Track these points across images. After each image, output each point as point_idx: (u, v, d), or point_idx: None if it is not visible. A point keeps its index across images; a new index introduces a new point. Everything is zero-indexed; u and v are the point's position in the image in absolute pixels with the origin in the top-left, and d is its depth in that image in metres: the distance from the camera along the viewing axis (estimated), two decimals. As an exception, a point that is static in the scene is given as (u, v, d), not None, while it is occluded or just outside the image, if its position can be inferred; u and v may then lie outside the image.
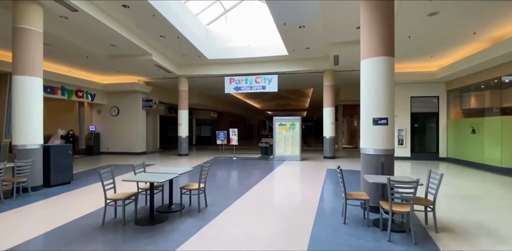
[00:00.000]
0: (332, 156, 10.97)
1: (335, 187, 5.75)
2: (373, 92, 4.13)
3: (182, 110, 12.10)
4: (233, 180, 6.67)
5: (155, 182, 3.48)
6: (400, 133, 11.01)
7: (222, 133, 11.03)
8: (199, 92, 16.64)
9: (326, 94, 11.09)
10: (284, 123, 10.37)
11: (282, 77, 11.77)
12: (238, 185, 5.88)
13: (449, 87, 10.66)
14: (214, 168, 8.29)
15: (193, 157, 11.64)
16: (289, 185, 6.02)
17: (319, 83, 12.82)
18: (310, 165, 9.24)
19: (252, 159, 10.79)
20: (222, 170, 8.10)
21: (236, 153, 12.87)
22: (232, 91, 11.49)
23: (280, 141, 10.37)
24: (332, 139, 11.01)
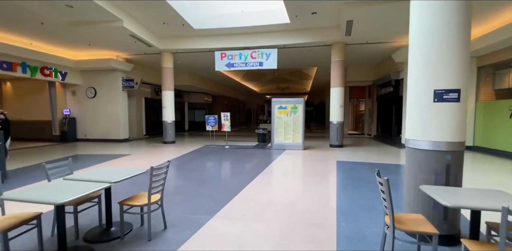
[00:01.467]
0: (339, 144, 9.50)
1: (353, 190, 4.30)
2: (436, 47, 2.53)
3: (167, 91, 10.47)
4: (217, 179, 5.16)
5: (53, 203, 1.95)
6: (419, 117, 9.44)
7: (212, 118, 9.49)
8: (190, 73, 14.90)
9: (334, 72, 9.41)
10: (285, 105, 8.80)
11: (282, 53, 10.03)
12: (221, 188, 4.39)
13: (480, 63, 8.96)
14: (198, 161, 6.83)
15: (179, 145, 10.18)
16: (291, 187, 4.52)
17: (326, 59, 11.06)
18: (316, 155, 7.78)
19: (247, 147, 9.33)
20: (207, 163, 6.63)
21: (230, 141, 11.40)
22: (223, 69, 9.81)
23: (280, 127, 8.86)
24: (341, 125, 9.49)
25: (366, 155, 7.94)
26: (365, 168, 5.91)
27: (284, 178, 5.09)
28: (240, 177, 5.07)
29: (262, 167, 5.90)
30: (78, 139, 11.54)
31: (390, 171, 5.80)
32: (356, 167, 5.98)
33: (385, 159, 7.33)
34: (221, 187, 4.36)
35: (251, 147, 9.42)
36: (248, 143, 10.62)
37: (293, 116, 8.78)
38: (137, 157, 7.34)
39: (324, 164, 6.55)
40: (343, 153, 8.12)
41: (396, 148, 9.68)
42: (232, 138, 12.85)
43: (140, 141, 11.56)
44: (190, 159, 7.00)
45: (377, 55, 11.01)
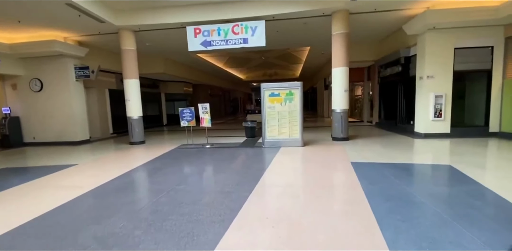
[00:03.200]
0: (345, 136, 7.88)
1: (405, 223, 2.64)
2: None
3: (130, 80, 8.42)
4: (182, 212, 3.16)
5: None
6: (437, 100, 7.92)
7: (188, 111, 7.57)
8: (164, 58, 12.73)
9: (336, 48, 7.63)
10: (278, 92, 7.01)
11: (270, 28, 8.11)
12: (188, 238, 2.64)
13: (509, 32, 7.41)
14: (162, 174, 5.00)
15: (149, 146, 8.28)
16: (303, 225, 2.77)
17: (323, 34, 9.24)
18: (320, 155, 6.13)
19: (233, 146, 7.55)
20: (174, 176, 4.76)
21: (213, 137, 9.59)
22: (199, 49, 7.82)
23: (273, 120, 7.10)
24: (346, 114, 7.83)
25: (383, 150, 6.35)
26: (397, 174, 4.29)
27: (287, 202, 3.35)
28: (221, 204, 3.29)
29: (252, 181, 4.16)
30: (25, 143, 9.41)
31: (442, 178, 4.21)
32: (383, 173, 4.36)
33: (412, 157, 5.76)
34: (188, 233, 2.59)
35: (238, 145, 7.66)
36: (235, 139, 8.85)
37: (289, 105, 7.03)
38: (81, 170, 5.42)
39: (336, 169, 4.89)
40: (353, 149, 6.50)
41: (410, 137, 8.18)
42: (216, 133, 11.04)
43: (104, 142, 9.56)
44: (153, 170, 5.19)
45: (382, 28, 9.27)
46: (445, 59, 7.75)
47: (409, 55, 9.00)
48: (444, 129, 8.06)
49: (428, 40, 7.69)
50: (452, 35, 7.60)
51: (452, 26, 7.45)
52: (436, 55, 7.74)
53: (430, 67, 7.81)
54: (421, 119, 8.23)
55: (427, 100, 7.97)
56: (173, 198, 3.50)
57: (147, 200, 3.50)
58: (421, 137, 8.08)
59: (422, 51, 7.96)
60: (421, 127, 8.20)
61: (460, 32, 7.57)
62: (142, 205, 3.31)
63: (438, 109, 7.96)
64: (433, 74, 7.83)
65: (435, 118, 7.98)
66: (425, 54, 7.80)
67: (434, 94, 7.86)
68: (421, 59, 8.01)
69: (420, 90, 8.19)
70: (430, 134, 8.06)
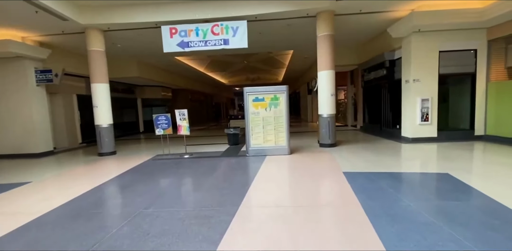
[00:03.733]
0: (332, 143, 7.50)
1: (419, 247, 2.18)
2: None
3: (98, 84, 7.62)
4: (142, 246, 2.55)
5: None
6: (424, 104, 7.76)
7: (164, 118, 6.88)
8: (139, 61, 11.93)
9: (322, 50, 7.28)
10: (262, 97, 6.51)
11: (253, 29, 7.66)
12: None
13: (491, 35, 7.40)
14: (131, 191, 4.32)
15: (121, 157, 7.47)
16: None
17: (307, 37, 8.93)
18: (309, 164, 5.66)
19: (214, 156, 6.93)
20: (146, 196, 4.09)
21: (193, 145, 8.92)
22: (175, 49, 7.20)
23: (257, 127, 6.57)
24: (333, 119, 7.46)
25: (373, 157, 5.99)
26: (395, 186, 3.88)
27: (277, 229, 2.80)
28: (197, 235, 2.66)
29: (235, 200, 3.58)
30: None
31: (445, 190, 3.84)
32: (380, 185, 3.94)
33: (406, 165, 5.43)
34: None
35: (219, 155, 7.05)
36: (217, 148, 8.23)
37: (274, 111, 6.54)
38: (33, 190, 4.59)
39: (329, 182, 4.42)
40: (343, 157, 6.10)
41: (397, 142, 7.95)
42: (197, 140, 10.36)
43: (70, 154, 8.60)
44: (120, 188, 4.48)
45: (367, 31, 9.09)
46: (430, 62, 7.62)
47: (394, 59, 8.85)
48: (431, 133, 7.89)
49: (414, 43, 7.54)
50: (437, 38, 7.50)
51: (436, 29, 7.35)
52: (422, 58, 7.60)
53: (416, 71, 7.65)
54: (408, 123, 8.03)
55: (413, 104, 7.79)
56: (138, 227, 2.85)
57: (105, 231, 2.82)
58: (408, 142, 7.87)
59: (407, 54, 7.80)
60: (409, 131, 8.00)
61: (445, 35, 7.49)
62: (97, 238, 2.64)
63: (425, 113, 7.79)
64: (419, 77, 7.67)
65: (422, 122, 7.81)
66: (410, 57, 7.64)
67: (420, 97, 7.70)
68: (407, 62, 7.85)
69: (407, 93, 8.01)
70: (417, 139, 7.86)
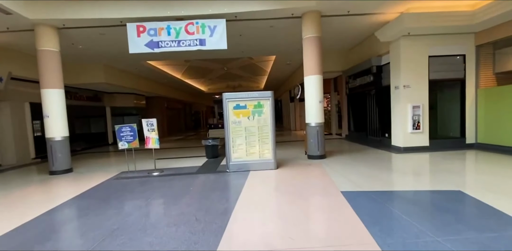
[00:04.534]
0: (321, 154, 6.82)
1: None
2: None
3: (49, 90, 6.46)
4: None
5: None
6: (415, 111, 7.35)
7: (128, 129, 5.84)
8: (105, 65, 10.77)
9: (308, 53, 6.68)
10: (244, 104, 5.72)
11: (233, 31, 6.95)
12: None
13: (479, 40, 7.20)
14: (76, 224, 3.31)
15: (77, 175, 6.28)
16: None
17: (291, 40, 8.38)
18: (301, 181, 4.89)
19: (189, 173, 5.97)
20: (88, 233, 3.11)
21: (166, 159, 7.89)
22: (143, 50, 6.28)
23: (239, 138, 5.74)
24: (322, 128, 6.81)
25: (369, 171, 5.33)
26: (409, 211, 3.19)
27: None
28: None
29: (212, 237, 2.70)
30: None
31: (469, 216, 3.18)
32: (390, 210, 3.24)
33: (408, 180, 4.80)
34: None
35: (195, 171, 6.10)
36: (193, 162, 7.26)
37: (258, 119, 5.76)
38: None
39: (327, 206, 3.65)
40: (336, 171, 5.39)
41: (389, 152, 7.43)
42: (171, 152, 9.32)
43: (18, 172, 7.24)
44: (62, 222, 3.44)
45: (353, 35, 8.68)
46: (420, 67, 7.27)
47: (381, 64, 8.48)
48: (423, 142, 7.46)
49: (403, 48, 7.17)
50: (426, 42, 7.19)
51: (426, 33, 7.03)
52: (412, 63, 7.23)
53: (406, 76, 7.26)
54: (398, 131, 7.57)
55: (404, 111, 7.36)
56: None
57: None
58: (400, 152, 7.38)
59: (396, 59, 7.41)
60: (399, 140, 7.53)
61: (433, 39, 7.19)
62: None
63: (416, 120, 7.37)
64: (409, 83, 7.28)
65: (414, 130, 7.37)
66: (400, 62, 7.25)
67: (411, 104, 7.28)
68: (396, 68, 7.46)
69: (396, 100, 7.58)
70: (409, 148, 7.40)
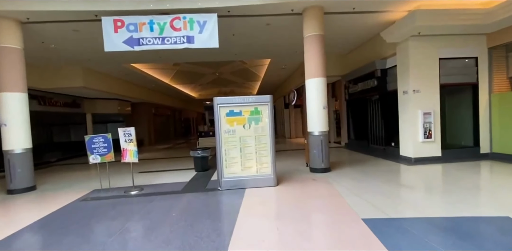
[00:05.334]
0: (326, 167, 6.03)
1: None
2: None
3: (8, 94, 5.46)
4: None
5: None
6: (426, 118, 6.70)
7: (101, 139, 4.91)
8: (84, 68, 9.80)
9: (309, 54, 5.97)
10: (239, 110, 4.91)
11: (225, 29, 6.20)
12: None
13: (491, 42, 6.68)
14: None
15: (41, 194, 5.26)
16: None
17: (288, 41, 7.70)
18: (307, 203, 4.07)
19: (172, 192, 5.05)
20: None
21: (148, 172, 6.94)
22: (121, 48, 5.43)
23: (233, 150, 4.89)
24: (326, 137, 6.04)
25: (386, 188, 4.56)
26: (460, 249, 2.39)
27: None
28: None
29: None
30: None
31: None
32: (435, 248, 2.43)
33: (439, 201, 4.00)
34: None
35: (181, 188, 5.19)
36: (179, 176, 6.34)
37: (255, 128, 4.94)
38: None
39: (348, 241, 2.81)
40: (346, 188, 4.60)
41: (399, 164, 6.72)
42: (157, 164, 8.36)
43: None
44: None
45: (353, 37, 8.05)
46: (430, 70, 6.66)
47: (386, 67, 7.87)
48: (435, 151, 6.79)
49: (411, 49, 6.56)
50: (436, 44, 6.60)
51: (436, 33, 6.45)
52: (421, 66, 6.62)
53: (415, 80, 6.64)
54: (408, 140, 6.89)
55: (414, 118, 6.70)
56: None
57: None
58: (411, 163, 6.67)
59: (404, 61, 6.80)
60: (410, 150, 6.84)
61: (444, 40, 6.62)
62: None
63: (427, 128, 6.71)
64: (419, 88, 6.65)
65: (425, 139, 6.70)
66: (409, 65, 6.63)
67: (421, 111, 6.63)
68: (404, 71, 6.83)
69: (405, 106, 6.94)
70: (420, 159, 6.71)
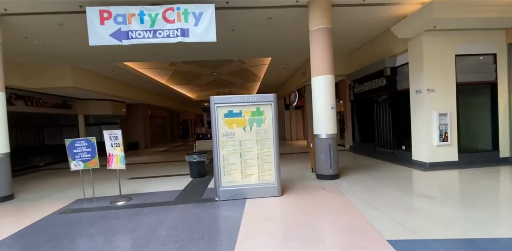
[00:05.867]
0: (334, 173, 5.49)
1: None
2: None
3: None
4: None
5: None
6: (441, 120, 6.18)
7: (84, 144, 4.34)
8: (74, 67, 9.23)
9: (316, 49, 5.45)
10: (239, 110, 4.36)
11: (224, 23, 5.67)
12: None
13: (511, 38, 6.20)
14: None
15: (18, 204, 4.67)
16: None
17: (291, 38, 7.18)
18: (319, 218, 3.52)
19: (163, 203, 4.48)
20: None
21: (139, 178, 6.38)
22: (108, 42, 4.88)
23: (232, 155, 4.34)
24: (334, 141, 5.50)
25: (406, 200, 4.02)
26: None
27: None
28: None
29: None
30: None
31: None
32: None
33: (473, 216, 3.44)
34: None
35: (173, 199, 4.62)
36: (173, 183, 5.78)
37: (257, 131, 4.40)
38: None
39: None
40: (361, 199, 4.05)
41: (413, 169, 6.17)
42: (150, 169, 7.80)
43: None
44: None
45: (363, 32, 7.49)
46: (446, 68, 6.15)
47: (396, 65, 7.36)
48: (451, 156, 6.27)
49: (426, 45, 6.06)
50: (452, 39, 6.10)
51: (453, 27, 5.95)
52: (436, 64, 6.11)
53: (430, 78, 6.13)
54: (422, 144, 6.36)
55: (428, 119, 6.19)
56: None
57: None
58: (425, 168, 6.14)
59: (417, 58, 6.29)
60: (423, 154, 6.32)
61: (460, 35, 6.12)
62: None
63: (443, 131, 6.19)
64: (434, 87, 6.14)
65: (441, 142, 6.18)
66: (423, 62, 6.12)
67: (437, 112, 6.11)
68: (417, 69, 6.32)
69: (418, 107, 6.42)
70: (436, 164, 6.19)
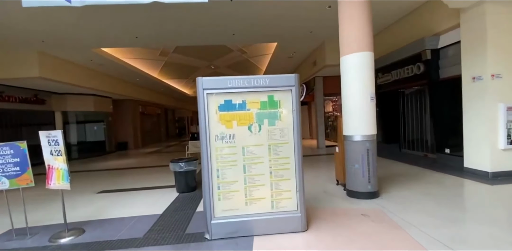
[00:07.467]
0: (374, 190, 3.96)
1: None
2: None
3: None
4: None
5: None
6: (509, 116, 4.66)
7: (10, 151, 2.80)
8: (41, 54, 7.63)
9: (348, 18, 3.90)
10: (241, 100, 2.82)
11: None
12: None
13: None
14: None
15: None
16: None
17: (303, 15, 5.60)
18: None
19: (126, 243, 2.95)
20: None
21: (108, 192, 4.86)
22: (53, 3, 3.34)
23: (231, 168, 2.80)
24: (373, 145, 3.96)
25: (503, 237, 2.51)
26: None
27: None
28: None
29: None
30: None
31: None
32: None
33: None
34: None
35: (143, 235, 3.11)
36: (152, 201, 4.25)
37: (269, 131, 2.85)
38: None
39: None
40: (433, 238, 2.53)
41: (463, 179, 4.67)
42: (129, 176, 6.27)
43: None
44: None
45: (395, 7, 5.97)
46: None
47: (438, 47, 5.82)
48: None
49: (490, 16, 4.52)
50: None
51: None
52: (504, 41, 4.58)
53: (496, 61, 4.60)
54: (480, 147, 4.85)
55: (490, 115, 4.67)
56: None
57: None
58: (486, 179, 4.64)
59: (477, 35, 4.75)
60: (484, 161, 4.81)
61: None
62: None
63: (511, 130, 4.67)
64: (501, 72, 4.61)
65: (509, 145, 4.66)
66: (486, 40, 4.58)
67: (504, 105, 4.59)
68: (475, 49, 4.79)
69: (475, 98, 4.90)
70: (501, 173, 4.68)
